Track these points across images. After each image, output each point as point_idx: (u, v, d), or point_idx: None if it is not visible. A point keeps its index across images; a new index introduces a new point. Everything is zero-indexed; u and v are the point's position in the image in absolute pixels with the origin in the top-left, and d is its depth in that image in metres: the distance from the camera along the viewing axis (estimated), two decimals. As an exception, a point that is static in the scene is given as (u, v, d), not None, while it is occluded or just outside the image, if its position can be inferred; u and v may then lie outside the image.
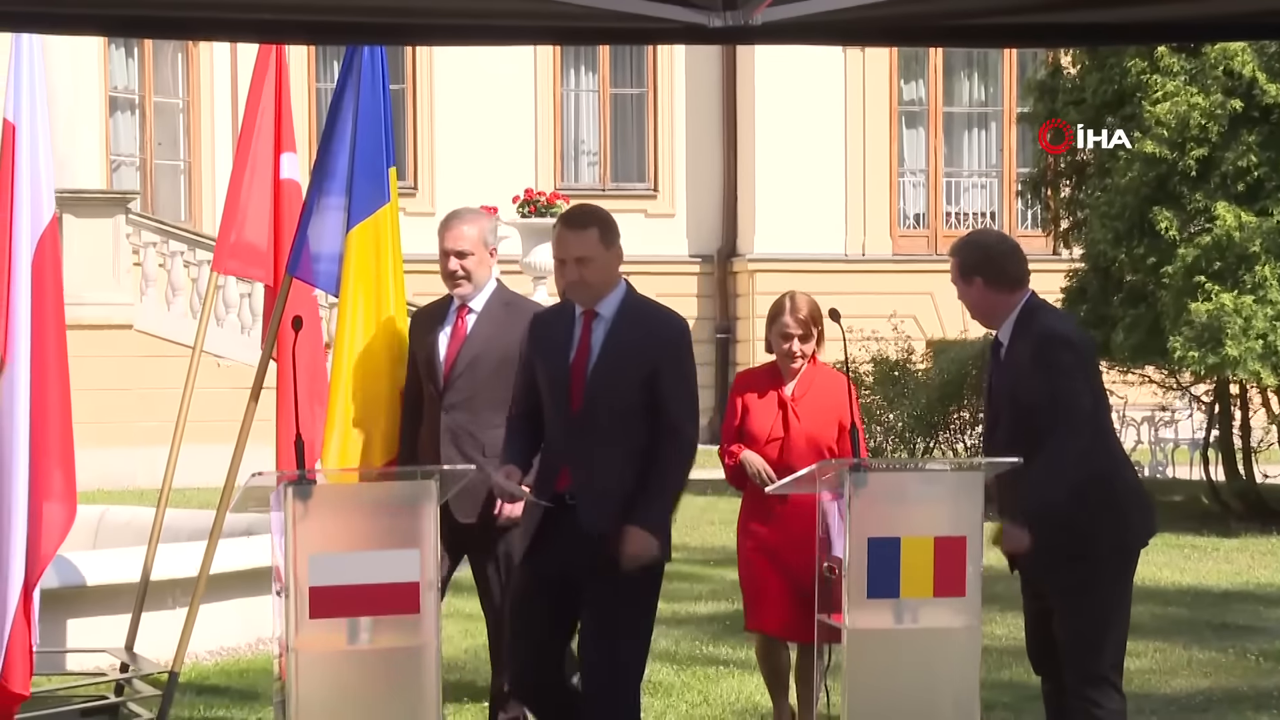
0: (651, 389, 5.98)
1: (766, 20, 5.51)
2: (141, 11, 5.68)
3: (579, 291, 6.13)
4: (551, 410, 6.06)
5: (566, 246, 6.10)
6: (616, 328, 6.08)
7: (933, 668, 5.36)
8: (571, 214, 6.39)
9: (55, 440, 7.15)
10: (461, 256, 7.22)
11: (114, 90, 23.54)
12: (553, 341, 6.11)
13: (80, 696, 8.38)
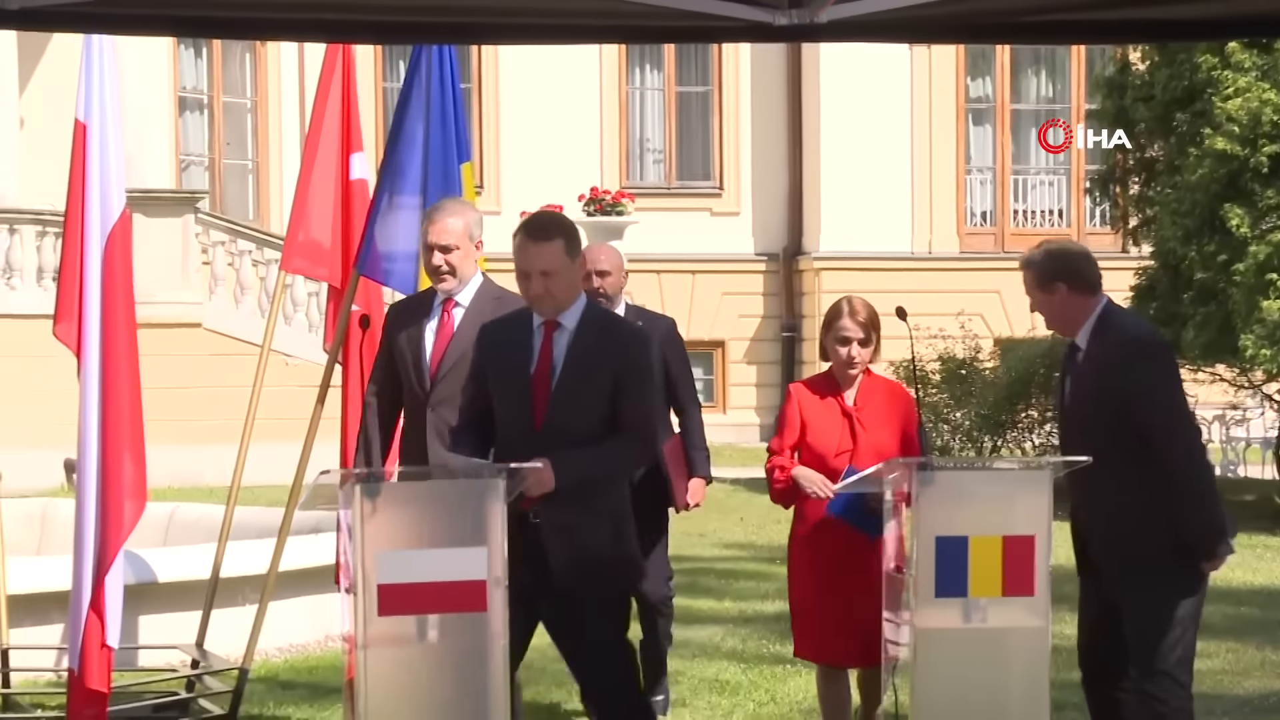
0: (614, 398, 5.83)
1: (832, 18, 5.49)
2: (210, 12, 5.72)
3: (544, 304, 5.88)
4: (510, 423, 5.86)
5: (530, 259, 5.85)
6: (581, 339, 5.87)
7: (1002, 667, 5.34)
8: (534, 225, 6.06)
9: (126, 435, 7.20)
10: (446, 251, 6.87)
11: (183, 90, 23.70)
12: (509, 351, 5.93)
13: (152, 692, 8.44)
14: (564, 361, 5.81)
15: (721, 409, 26.62)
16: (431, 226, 6.90)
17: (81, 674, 7.08)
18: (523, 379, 5.82)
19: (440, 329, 6.90)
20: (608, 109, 26.38)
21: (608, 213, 22.61)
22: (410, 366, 6.91)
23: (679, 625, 11.02)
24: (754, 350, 26.78)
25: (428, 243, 6.89)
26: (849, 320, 6.68)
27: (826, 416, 6.65)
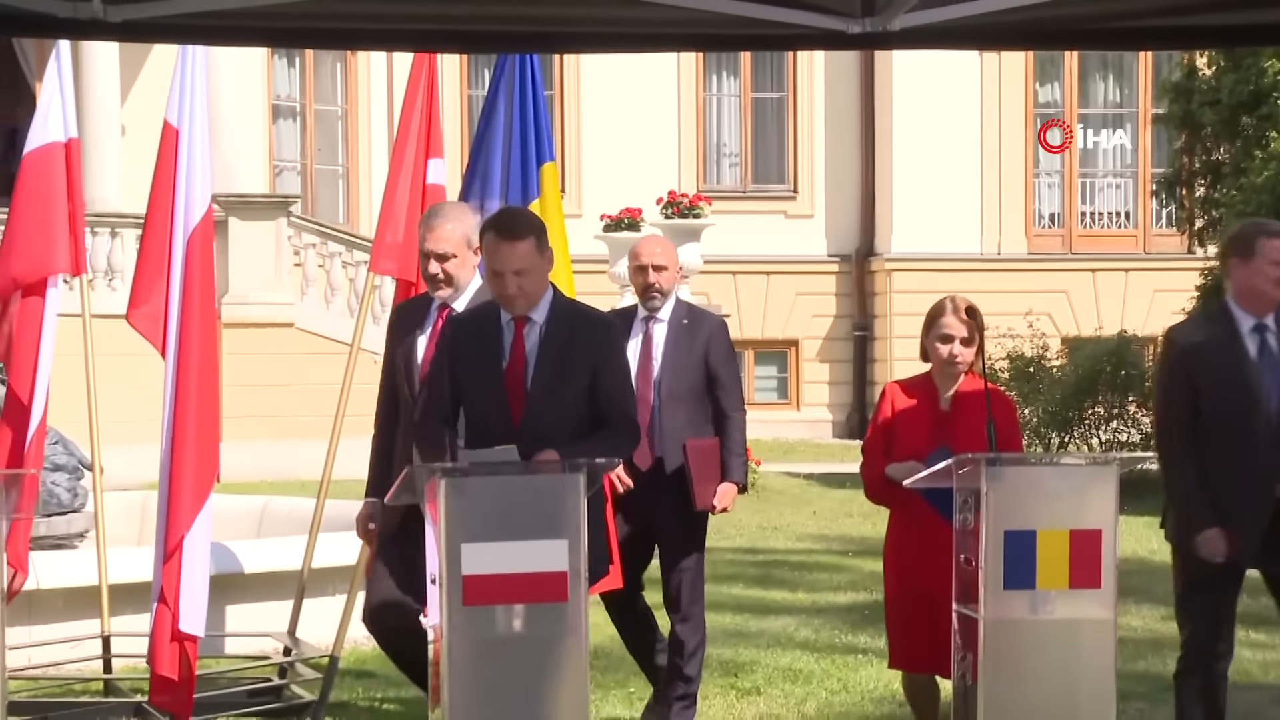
0: (591, 390, 5.74)
1: (904, 26, 5.48)
2: (303, 23, 5.75)
3: (518, 303, 5.71)
4: (482, 420, 5.70)
5: (504, 259, 5.66)
6: (552, 333, 5.74)
7: (1069, 658, 5.30)
8: (504, 224, 5.81)
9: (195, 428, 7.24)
10: (443, 259, 6.51)
11: (277, 98, 23.87)
12: (479, 348, 5.77)
13: (246, 679, 8.50)
14: (537, 357, 5.71)
15: (795, 406, 26.61)
16: (429, 234, 6.56)
17: (152, 661, 7.15)
18: (495, 376, 5.70)
19: (433, 337, 6.55)
20: (685, 115, 26.39)
21: (685, 215, 22.55)
22: (402, 374, 6.62)
23: (753, 616, 11.02)
24: (827, 349, 26.72)
25: (424, 249, 6.57)
26: (952, 318, 6.30)
27: (920, 418, 6.29)
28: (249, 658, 8.77)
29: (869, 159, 26.63)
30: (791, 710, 8.43)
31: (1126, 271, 26.23)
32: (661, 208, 22.61)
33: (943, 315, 6.29)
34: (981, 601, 5.27)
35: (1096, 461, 5.70)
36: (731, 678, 9.09)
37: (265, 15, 5.42)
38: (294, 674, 8.53)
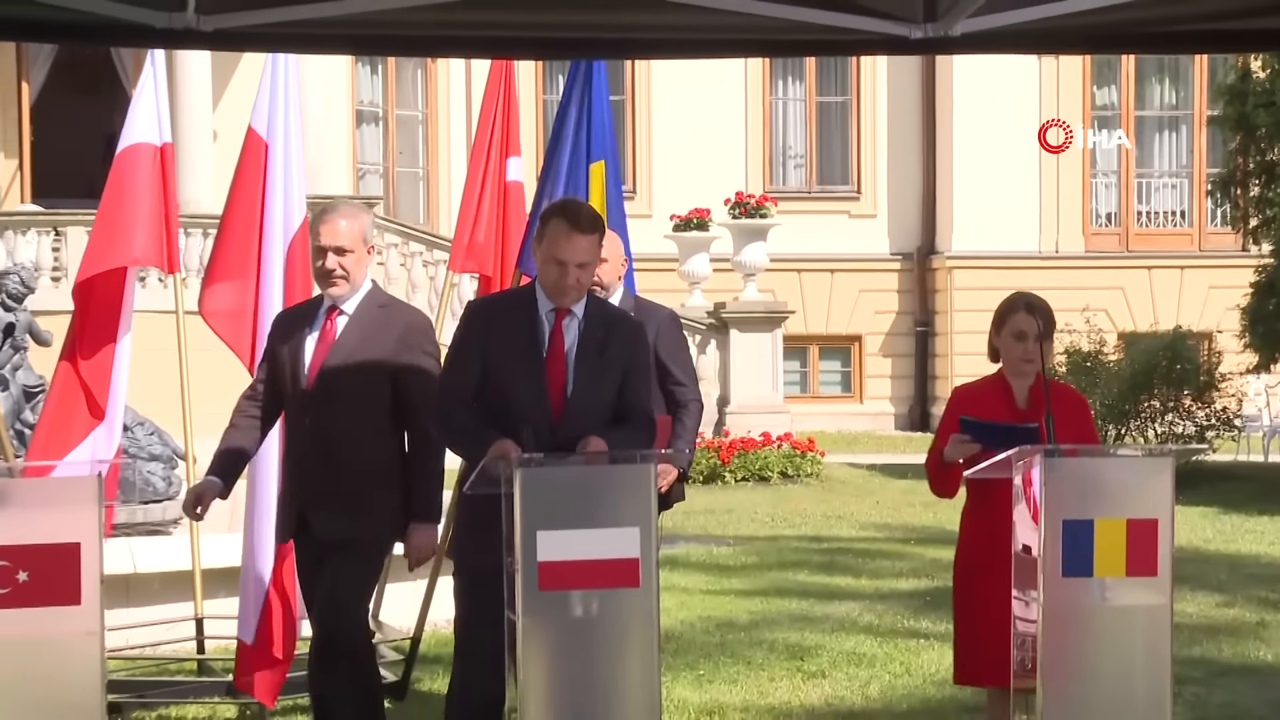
0: (620, 387, 5.60)
1: (965, 31, 5.46)
2: (387, 32, 5.78)
3: (571, 295, 5.51)
4: (519, 408, 5.44)
5: (572, 250, 5.45)
6: (590, 329, 5.56)
7: (1126, 643, 5.27)
8: (575, 215, 5.57)
9: None
10: (340, 254, 6.05)
11: (360, 104, 23.99)
12: (516, 337, 5.53)
13: (330, 659, 8.54)
14: (576, 351, 5.53)
15: (859, 399, 26.56)
16: (323, 227, 6.10)
17: (262, 645, 7.20)
18: (536, 366, 5.50)
19: (321, 338, 6.10)
20: (752, 118, 26.37)
21: (751, 215, 22.55)
22: (289, 375, 6.12)
23: (818, 601, 11.01)
24: (889, 344, 26.65)
25: (319, 244, 6.10)
26: (1026, 315, 5.91)
27: (999, 418, 5.79)
28: (334, 640, 8.83)
29: (930, 160, 26.53)
30: (855, 693, 8.41)
31: (1182, 269, 26.05)
32: (729, 208, 22.60)
33: (1015, 313, 5.92)
34: (1040, 589, 5.24)
35: (1152, 453, 5.64)
36: (798, 661, 9.08)
37: (350, 24, 5.45)
38: (378, 655, 8.56)
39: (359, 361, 6.01)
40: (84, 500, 4.63)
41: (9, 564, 4.56)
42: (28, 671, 4.61)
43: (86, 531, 4.61)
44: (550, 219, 5.55)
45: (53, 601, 4.58)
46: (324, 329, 6.08)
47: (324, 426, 5.99)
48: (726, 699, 8.19)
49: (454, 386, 5.60)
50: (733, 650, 9.38)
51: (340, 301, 6.10)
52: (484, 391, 5.52)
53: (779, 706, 8.09)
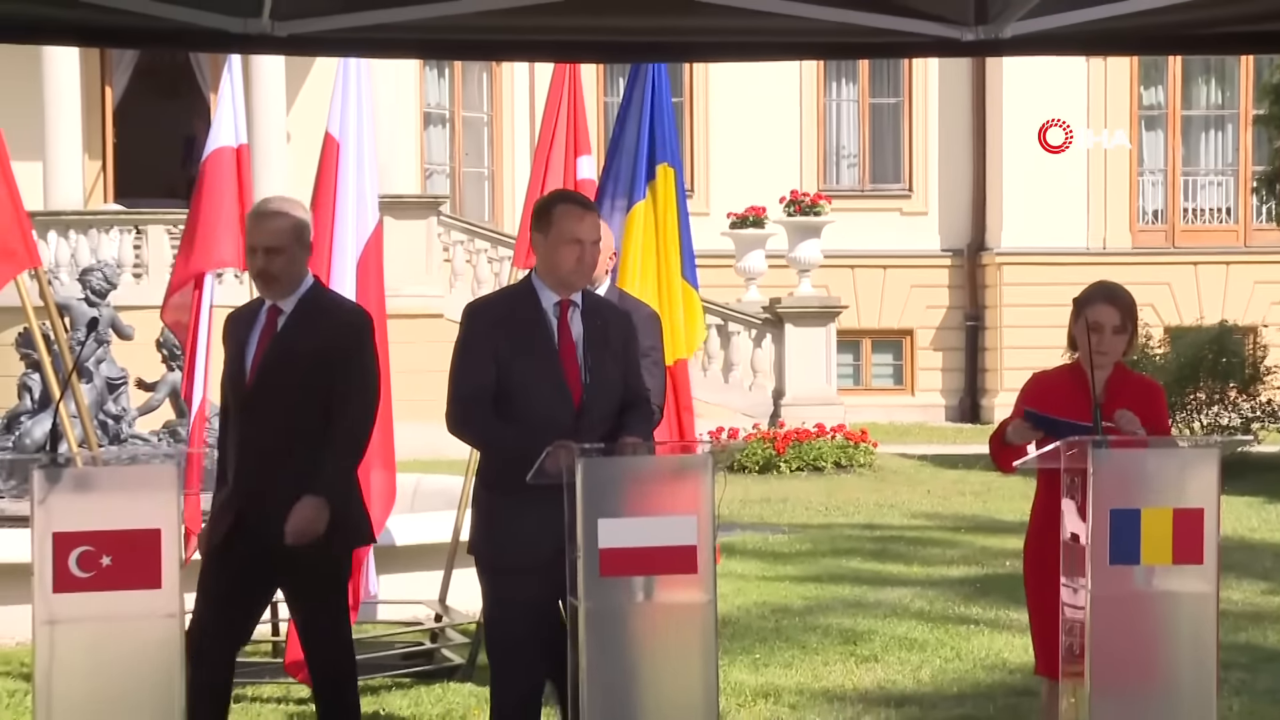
0: (625, 371, 5.56)
1: (1015, 34, 5.44)
2: (453, 36, 5.80)
3: (584, 277, 5.49)
4: (540, 402, 5.36)
5: (587, 229, 5.43)
6: (590, 317, 5.51)
7: (1172, 629, 5.23)
8: (580, 198, 5.68)
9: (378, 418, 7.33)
10: (272, 253, 5.70)
11: (428, 107, 24.06)
12: (525, 334, 5.43)
13: (401, 642, 8.58)
14: (584, 341, 5.46)
15: (910, 392, 26.47)
16: (256, 226, 5.77)
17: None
18: (551, 360, 5.41)
19: (261, 337, 5.78)
20: (807, 118, 26.31)
21: (806, 213, 22.52)
22: (232, 375, 5.81)
23: (871, 587, 10.98)
24: (940, 338, 26.54)
25: (251, 244, 5.77)
26: (1106, 305, 5.68)
27: (1075, 408, 5.56)
28: (403, 623, 8.86)
29: (980, 159, 26.40)
30: (907, 676, 8.39)
31: (1227, 265, 25.86)
32: (784, 206, 22.58)
33: (1095, 303, 5.68)
34: (1088, 576, 5.21)
35: (1199, 444, 5.59)
36: (851, 646, 9.07)
37: (418, 29, 5.48)
38: (444, 638, 8.60)
39: (298, 359, 5.67)
40: (164, 488, 4.68)
41: (94, 549, 4.61)
42: (111, 651, 4.66)
43: (166, 518, 4.65)
44: (554, 205, 5.54)
45: (135, 585, 4.62)
46: (264, 327, 5.76)
47: (263, 425, 5.63)
48: (782, 682, 8.19)
49: (473, 389, 5.43)
50: (788, 635, 9.38)
51: (278, 300, 5.76)
52: (500, 391, 5.42)
53: (833, 689, 8.09)
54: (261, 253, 5.68)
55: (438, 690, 7.88)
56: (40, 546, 4.59)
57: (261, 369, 5.69)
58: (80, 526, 4.62)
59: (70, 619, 4.61)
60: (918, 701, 7.88)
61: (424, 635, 8.67)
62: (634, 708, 4.98)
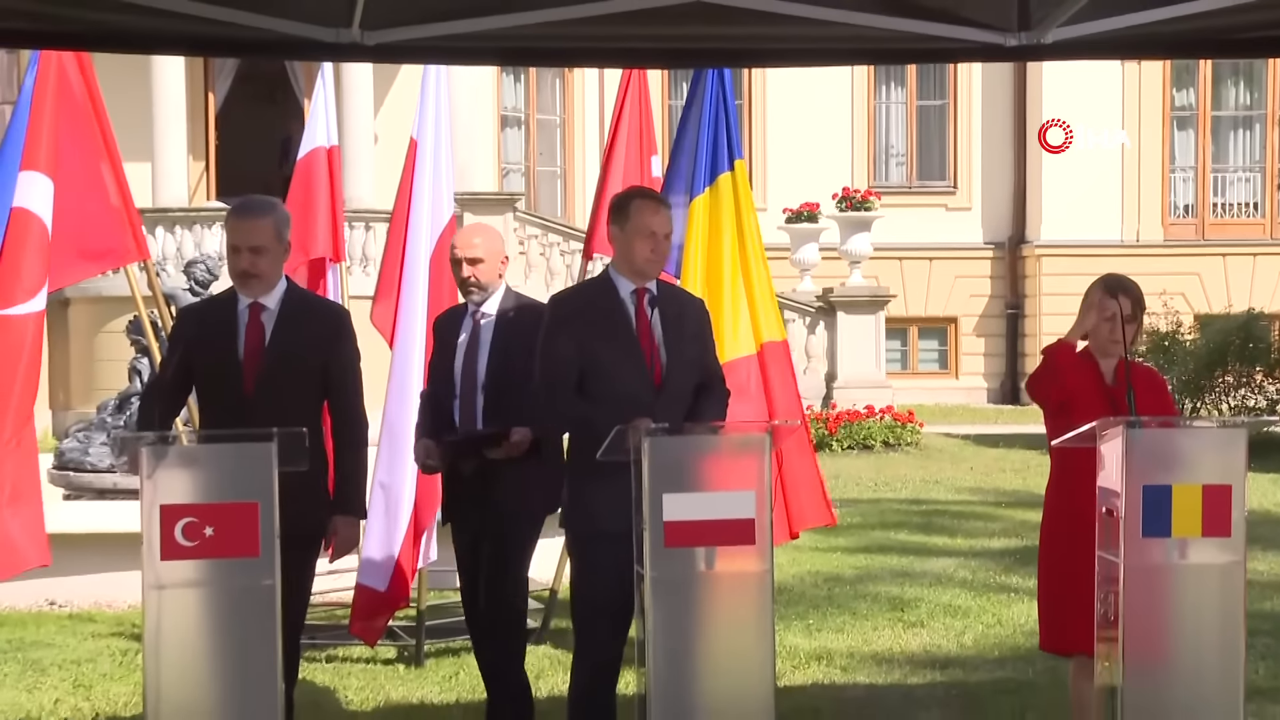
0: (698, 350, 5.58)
1: (1056, 39, 5.39)
2: (529, 44, 5.80)
3: (660, 266, 5.55)
4: (622, 383, 5.38)
5: (661, 223, 5.47)
6: (665, 305, 5.52)
7: (1201, 598, 5.18)
8: (652, 193, 5.81)
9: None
10: (256, 252, 5.43)
11: (505, 110, 24.11)
12: (605, 322, 5.44)
13: (479, 607, 8.61)
14: (661, 326, 5.48)
15: (954, 375, 26.36)
16: (238, 225, 5.48)
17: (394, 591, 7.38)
18: (632, 344, 5.42)
19: (249, 333, 5.45)
20: (858, 120, 26.22)
21: (857, 208, 22.44)
22: (222, 371, 5.42)
23: (917, 558, 10.94)
24: (982, 325, 26.41)
25: (234, 243, 5.45)
26: (1118, 295, 5.65)
27: (1093, 391, 5.61)
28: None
29: (1021, 157, 26.25)
30: (951, 641, 8.36)
31: (1254, 256, 25.63)
32: (836, 202, 22.51)
33: (1109, 295, 5.66)
34: (1122, 548, 5.17)
35: (1226, 424, 5.53)
36: (898, 612, 9.05)
37: (496, 37, 5.48)
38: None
39: (291, 356, 5.45)
40: (261, 464, 4.70)
41: (197, 520, 4.64)
42: (213, 614, 4.69)
43: (263, 492, 4.68)
44: (631, 200, 5.55)
45: (234, 553, 4.65)
46: (249, 326, 5.45)
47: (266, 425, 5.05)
48: (834, 646, 8.17)
49: (558, 375, 5.44)
50: (839, 602, 9.36)
51: (258, 297, 5.47)
52: (585, 374, 5.44)
53: (881, 653, 8.07)
54: (246, 252, 5.41)
55: (514, 652, 7.90)
56: (149, 518, 4.62)
57: (263, 371, 5.40)
58: (185, 499, 4.65)
59: (176, 584, 4.65)
60: (960, 664, 7.85)
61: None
62: (696, 670, 4.98)
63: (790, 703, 6.41)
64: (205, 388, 5.52)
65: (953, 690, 7.31)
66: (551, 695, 7.13)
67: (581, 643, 5.53)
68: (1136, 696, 5.14)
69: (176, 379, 5.56)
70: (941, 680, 7.50)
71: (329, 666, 7.77)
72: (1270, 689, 7.20)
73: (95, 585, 9.10)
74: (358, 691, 7.31)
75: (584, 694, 5.52)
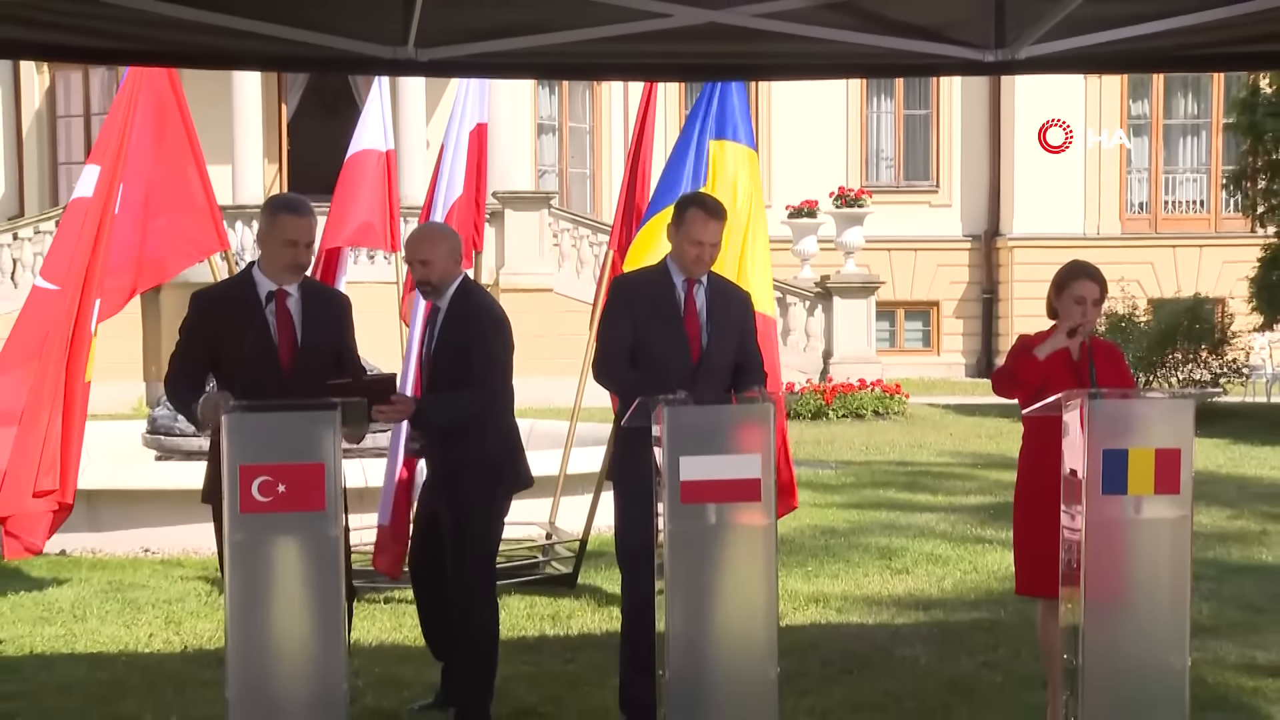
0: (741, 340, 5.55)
1: (1029, 55, 5.36)
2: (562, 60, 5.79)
3: (702, 268, 5.47)
4: (665, 359, 5.38)
5: (710, 233, 5.40)
6: (714, 296, 5.51)
7: (1153, 549, 5.16)
8: (713, 205, 5.50)
9: None
10: (309, 247, 5.38)
11: (541, 118, 24.07)
12: (657, 304, 5.45)
13: (519, 556, 8.63)
14: (707, 312, 5.48)
15: (936, 352, 26.32)
16: (298, 223, 5.32)
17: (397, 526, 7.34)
18: (677, 325, 5.43)
19: (280, 320, 5.30)
20: (851, 127, 26.14)
21: (851, 205, 22.38)
22: (258, 357, 5.25)
23: (903, 513, 10.93)
24: (961, 308, 26.34)
25: (292, 238, 5.29)
26: (1088, 282, 5.51)
27: (1061, 368, 5.50)
28: (519, 541, 8.91)
29: (995, 160, 26.15)
30: (933, 585, 8.35)
31: (1201, 248, 25.52)
32: (833, 199, 22.45)
33: (1077, 280, 5.51)
34: (1084, 504, 5.15)
35: (1176, 396, 5.49)
36: (886, 560, 9.04)
37: (533, 54, 5.47)
38: (553, 553, 8.64)
39: (317, 338, 5.34)
40: (326, 429, 4.71)
41: (271, 478, 4.65)
42: (285, 561, 4.71)
43: (329, 453, 4.68)
44: (688, 208, 5.50)
45: (304, 508, 4.66)
46: (279, 313, 5.31)
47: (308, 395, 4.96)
48: (829, 590, 8.17)
49: (614, 346, 5.48)
50: (834, 551, 9.36)
51: (285, 285, 5.34)
52: (636, 348, 5.47)
53: (871, 596, 8.07)
54: (303, 246, 5.31)
55: (548, 597, 7.92)
56: (230, 476, 4.64)
57: (298, 353, 5.28)
58: (260, 460, 4.66)
59: (253, 535, 4.66)
60: (941, 606, 7.85)
61: (536, 551, 8.71)
62: (709, 611, 4.98)
63: (791, 640, 6.42)
64: (243, 371, 5.23)
65: (934, 628, 7.30)
66: (584, 633, 7.15)
67: (626, 584, 5.57)
68: (1096, 634, 5.13)
69: (201, 365, 5.34)
70: (924, 620, 7.50)
71: (386, 607, 7.80)
72: (1212, 627, 7.19)
73: (183, 535, 9.15)
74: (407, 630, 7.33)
75: (631, 626, 5.52)
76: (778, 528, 5.08)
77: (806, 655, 6.57)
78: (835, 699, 5.92)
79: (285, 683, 4.68)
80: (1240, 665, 6.47)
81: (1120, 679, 5.13)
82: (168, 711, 5.67)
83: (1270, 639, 6.99)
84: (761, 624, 4.98)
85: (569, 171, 24.60)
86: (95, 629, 7.24)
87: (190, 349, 5.36)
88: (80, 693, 5.97)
